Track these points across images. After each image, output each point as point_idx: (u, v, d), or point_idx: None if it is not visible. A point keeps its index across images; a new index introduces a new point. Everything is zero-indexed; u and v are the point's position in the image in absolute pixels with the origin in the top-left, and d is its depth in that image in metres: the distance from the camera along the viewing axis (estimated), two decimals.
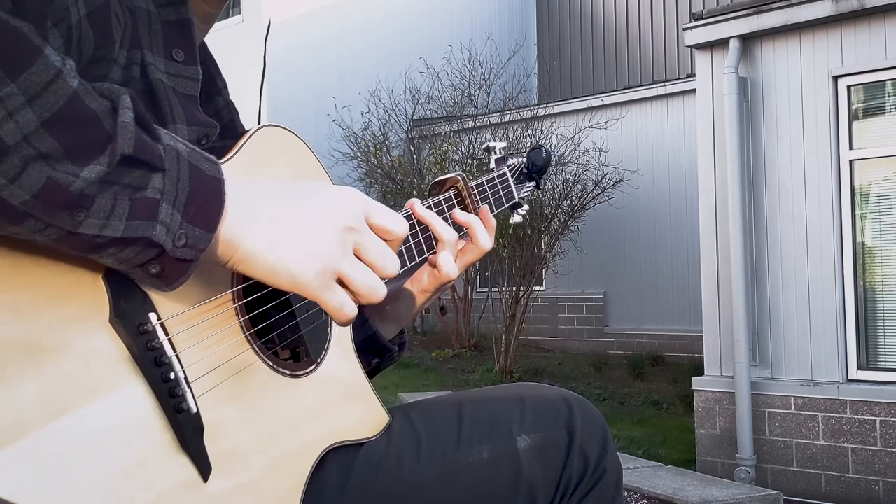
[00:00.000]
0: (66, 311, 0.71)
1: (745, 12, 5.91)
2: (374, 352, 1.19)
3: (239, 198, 0.77)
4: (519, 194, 1.40)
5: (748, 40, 6.01)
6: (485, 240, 1.19)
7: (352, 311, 0.84)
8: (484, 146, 1.45)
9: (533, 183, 1.44)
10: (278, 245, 0.79)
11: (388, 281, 1.12)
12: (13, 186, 0.62)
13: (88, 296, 0.73)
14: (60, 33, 0.76)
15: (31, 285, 0.70)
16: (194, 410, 0.78)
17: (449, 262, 1.13)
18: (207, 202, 0.74)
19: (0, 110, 0.61)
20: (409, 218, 1.11)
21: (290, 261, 0.79)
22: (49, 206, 0.64)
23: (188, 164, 0.73)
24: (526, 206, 1.44)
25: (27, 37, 0.64)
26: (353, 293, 0.84)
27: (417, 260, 1.11)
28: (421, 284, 1.18)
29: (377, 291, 0.85)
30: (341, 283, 0.83)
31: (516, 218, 1.44)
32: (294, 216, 0.81)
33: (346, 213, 0.83)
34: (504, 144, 1.44)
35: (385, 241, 0.87)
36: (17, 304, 0.68)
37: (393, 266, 0.86)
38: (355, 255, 0.84)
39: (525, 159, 1.43)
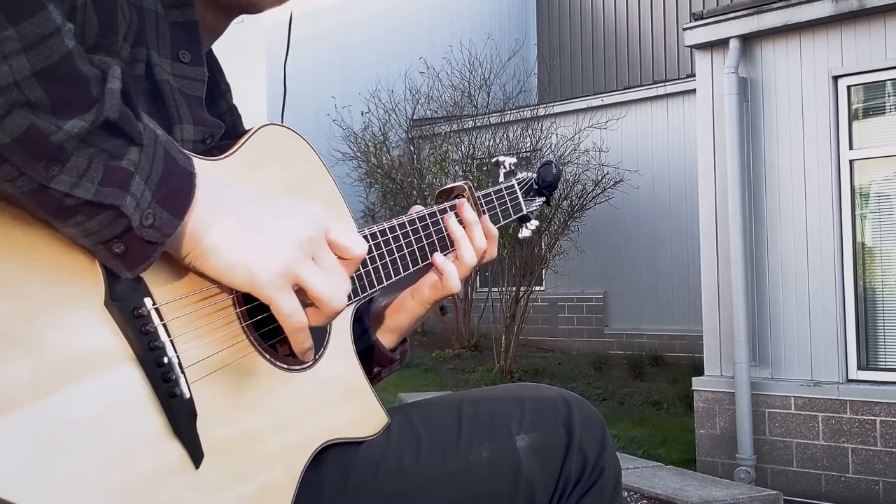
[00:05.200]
0: (61, 293, 0.72)
1: (745, 12, 5.91)
2: (375, 361, 1.20)
3: (209, 194, 0.78)
4: (528, 208, 1.40)
5: (748, 40, 6.01)
6: (469, 255, 1.18)
7: (301, 319, 0.83)
8: (494, 160, 1.45)
9: (542, 199, 1.44)
10: (240, 243, 0.80)
11: (389, 291, 1.14)
12: None
13: (84, 278, 0.73)
14: (63, 10, 0.76)
15: (26, 267, 0.70)
16: (187, 396, 0.78)
17: (453, 274, 1.15)
18: (178, 188, 0.75)
19: None
20: (402, 226, 1.13)
21: (250, 259, 0.80)
22: (26, 152, 0.65)
23: (164, 149, 0.74)
24: (535, 221, 1.44)
25: None
26: (313, 299, 0.84)
27: (422, 265, 1.14)
28: (422, 296, 1.18)
29: (337, 298, 0.84)
30: (299, 291, 0.83)
31: (525, 232, 1.44)
32: (260, 220, 0.82)
33: (310, 225, 0.84)
34: (514, 160, 1.45)
35: (342, 258, 0.87)
36: (11, 285, 0.68)
37: (344, 285, 0.86)
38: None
39: (535, 175, 1.43)
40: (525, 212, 1.40)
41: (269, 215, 0.83)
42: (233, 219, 0.80)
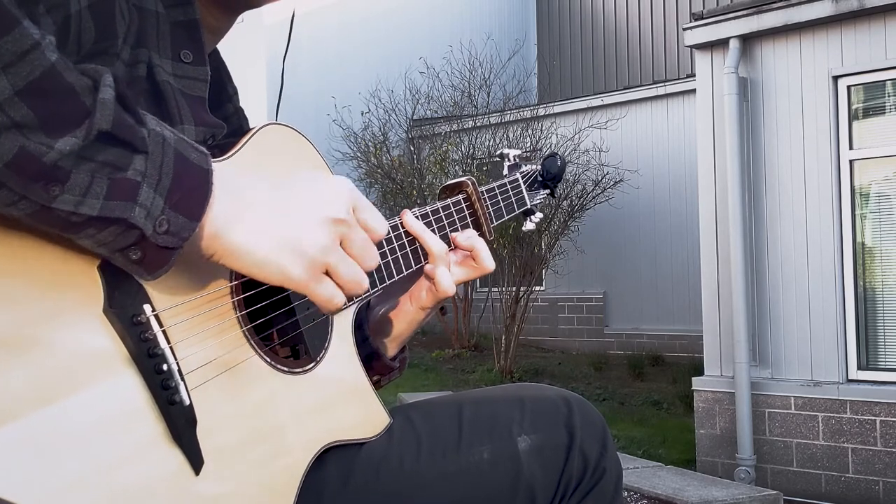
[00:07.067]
0: (59, 301, 0.71)
1: (745, 12, 5.91)
2: (375, 369, 1.19)
3: (227, 190, 0.77)
4: (532, 202, 1.40)
5: (748, 40, 6.01)
6: (489, 261, 1.19)
7: (340, 300, 0.85)
8: (498, 152, 1.45)
9: (547, 191, 1.43)
10: (266, 240, 0.79)
11: (388, 296, 1.13)
12: None
13: (83, 285, 0.73)
14: (55, 20, 0.75)
15: (25, 274, 0.70)
16: (187, 403, 0.77)
17: (445, 277, 1.13)
18: (193, 190, 0.73)
19: None
20: (395, 228, 1.11)
21: (280, 255, 0.79)
22: (21, 176, 0.64)
23: (174, 151, 0.72)
24: (539, 214, 1.43)
25: (5, 7, 0.63)
26: (338, 285, 0.85)
27: (414, 268, 1.12)
28: (420, 301, 1.18)
29: (362, 284, 0.86)
30: (328, 274, 0.84)
31: (529, 225, 1.43)
32: (283, 209, 0.81)
33: (337, 204, 0.84)
34: (518, 152, 1.44)
35: None
36: (10, 293, 0.68)
37: (374, 261, 0.88)
38: (341, 247, 0.85)
39: (539, 167, 1.42)
40: (529, 205, 1.39)
41: (295, 201, 0.82)
42: (257, 213, 0.79)
